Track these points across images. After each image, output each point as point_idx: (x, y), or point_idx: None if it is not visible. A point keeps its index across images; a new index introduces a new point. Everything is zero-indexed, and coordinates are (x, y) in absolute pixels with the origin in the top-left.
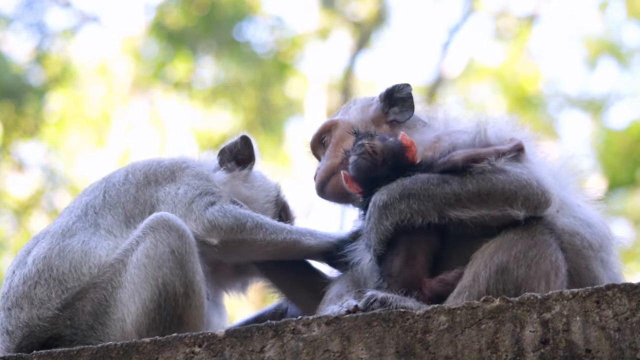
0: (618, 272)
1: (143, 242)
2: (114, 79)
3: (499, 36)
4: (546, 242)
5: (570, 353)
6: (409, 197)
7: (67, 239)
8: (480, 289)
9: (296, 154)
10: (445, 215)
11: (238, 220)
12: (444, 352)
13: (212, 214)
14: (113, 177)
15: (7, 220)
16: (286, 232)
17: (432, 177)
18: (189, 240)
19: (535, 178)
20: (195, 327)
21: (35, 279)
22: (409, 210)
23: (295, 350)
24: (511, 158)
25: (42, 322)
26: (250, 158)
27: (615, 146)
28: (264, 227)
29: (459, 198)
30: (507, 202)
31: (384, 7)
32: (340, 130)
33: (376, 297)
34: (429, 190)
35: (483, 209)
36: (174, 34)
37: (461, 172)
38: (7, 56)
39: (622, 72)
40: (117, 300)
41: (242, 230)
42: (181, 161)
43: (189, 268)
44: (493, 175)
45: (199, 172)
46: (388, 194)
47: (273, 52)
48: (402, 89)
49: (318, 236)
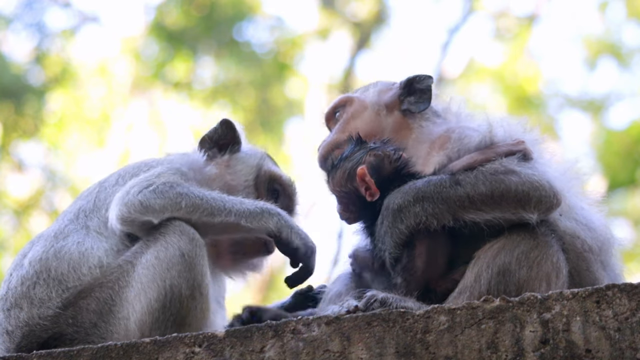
0: (619, 273)
1: (154, 245)
2: (114, 79)
3: (499, 36)
4: (548, 244)
5: (570, 353)
6: (423, 200)
7: (60, 241)
8: (481, 289)
9: (296, 154)
10: (460, 218)
11: (172, 200)
12: (444, 352)
13: (144, 195)
14: (106, 181)
15: (7, 221)
16: (225, 213)
17: (444, 179)
18: (199, 243)
19: (547, 179)
20: (198, 330)
21: (34, 279)
22: (424, 214)
23: (295, 350)
24: (519, 159)
25: (43, 321)
26: (232, 142)
27: (615, 146)
28: (200, 208)
29: (473, 200)
30: (519, 204)
31: (383, 7)
32: (353, 107)
33: (376, 298)
34: (442, 193)
35: (496, 212)
36: (173, 34)
37: (473, 172)
38: (6, 56)
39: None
40: (123, 298)
41: (178, 209)
42: (162, 160)
43: (198, 271)
44: (505, 177)
45: (170, 168)
46: (402, 197)
47: (273, 52)
48: (422, 80)
49: (256, 218)
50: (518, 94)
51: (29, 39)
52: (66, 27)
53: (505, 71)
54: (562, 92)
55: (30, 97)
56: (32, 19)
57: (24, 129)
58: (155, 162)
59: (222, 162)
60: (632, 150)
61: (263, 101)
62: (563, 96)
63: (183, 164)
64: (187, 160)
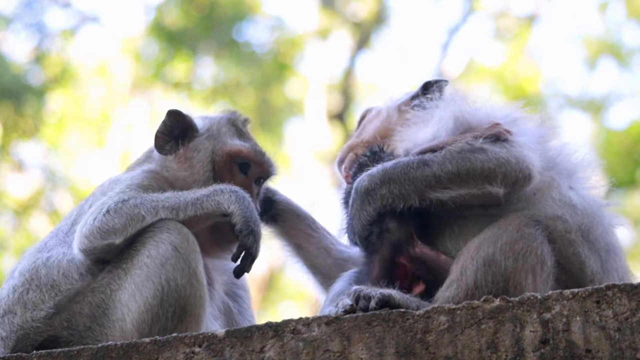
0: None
1: (143, 246)
2: (114, 79)
3: (499, 36)
4: (532, 236)
5: (570, 353)
6: (390, 182)
7: (45, 253)
8: (468, 282)
9: (296, 154)
10: (426, 197)
11: (129, 214)
12: (444, 352)
13: (100, 221)
14: (86, 202)
15: (7, 221)
16: (183, 208)
17: (412, 160)
18: (189, 234)
19: (514, 156)
20: (198, 317)
21: (26, 286)
22: (390, 195)
23: (295, 350)
24: (492, 138)
25: (36, 323)
26: (187, 130)
27: (615, 146)
28: (161, 211)
29: (439, 179)
30: (486, 180)
31: (383, 8)
32: (370, 115)
33: (360, 290)
34: (409, 174)
35: (463, 189)
36: (173, 34)
37: (442, 152)
38: (6, 56)
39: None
40: (117, 301)
41: (140, 220)
42: (122, 178)
43: (192, 258)
44: (472, 155)
45: (128, 185)
46: (369, 179)
47: (273, 53)
48: (437, 82)
49: (208, 200)
50: (518, 94)
51: (29, 39)
52: (66, 27)
53: (505, 71)
54: (562, 92)
55: (30, 97)
56: (32, 19)
57: (24, 129)
58: (115, 181)
59: (179, 156)
60: (632, 150)
61: (263, 101)
62: (563, 96)
63: (145, 175)
64: (148, 168)
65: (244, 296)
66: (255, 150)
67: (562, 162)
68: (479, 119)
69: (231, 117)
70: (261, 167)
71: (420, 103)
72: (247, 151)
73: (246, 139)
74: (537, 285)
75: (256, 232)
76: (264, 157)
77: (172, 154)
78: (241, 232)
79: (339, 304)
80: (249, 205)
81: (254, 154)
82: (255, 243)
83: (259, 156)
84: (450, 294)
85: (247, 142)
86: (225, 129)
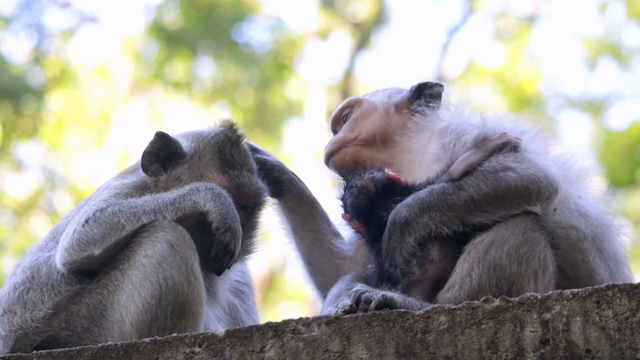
0: (620, 260)
1: (139, 247)
2: (114, 80)
3: (499, 37)
4: (536, 240)
5: (570, 353)
6: (429, 210)
7: (46, 252)
8: (472, 284)
9: (296, 155)
10: (467, 221)
11: (108, 222)
12: (444, 352)
13: (79, 233)
14: (89, 197)
15: (7, 221)
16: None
17: (445, 186)
18: (184, 232)
19: (540, 169)
20: (197, 314)
21: (27, 284)
22: (432, 223)
23: (295, 351)
24: (510, 152)
25: (35, 323)
26: (172, 154)
27: (615, 147)
28: (143, 216)
29: (477, 202)
30: (522, 199)
31: (383, 8)
32: (363, 107)
33: (362, 291)
34: (447, 201)
35: (501, 210)
36: (173, 35)
37: (473, 174)
38: (6, 57)
39: (622, 72)
40: (115, 302)
41: (120, 229)
42: (109, 184)
43: (189, 255)
44: (504, 174)
45: (109, 194)
46: (408, 210)
47: (272, 53)
48: (433, 86)
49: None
50: (518, 95)
51: (28, 40)
52: (65, 28)
53: (505, 72)
54: (562, 92)
55: (29, 98)
56: (31, 20)
57: (24, 129)
58: (104, 188)
59: (161, 182)
60: (632, 150)
61: (262, 102)
62: (563, 97)
63: (133, 184)
64: (137, 177)
65: (249, 292)
66: (236, 183)
67: (566, 171)
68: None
69: (220, 139)
70: (242, 199)
71: (420, 110)
72: (226, 185)
73: (231, 166)
74: (538, 290)
75: (234, 228)
76: (244, 190)
77: (156, 177)
78: (218, 230)
79: (339, 304)
80: (226, 202)
81: (234, 188)
82: (233, 240)
83: (239, 189)
84: (452, 296)
85: (231, 171)
86: (209, 157)
